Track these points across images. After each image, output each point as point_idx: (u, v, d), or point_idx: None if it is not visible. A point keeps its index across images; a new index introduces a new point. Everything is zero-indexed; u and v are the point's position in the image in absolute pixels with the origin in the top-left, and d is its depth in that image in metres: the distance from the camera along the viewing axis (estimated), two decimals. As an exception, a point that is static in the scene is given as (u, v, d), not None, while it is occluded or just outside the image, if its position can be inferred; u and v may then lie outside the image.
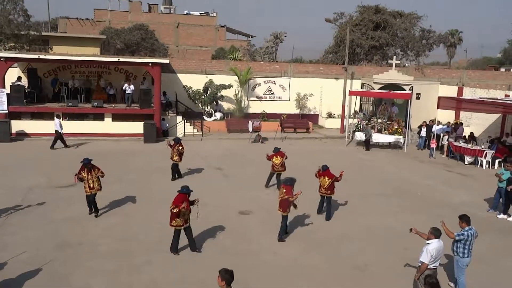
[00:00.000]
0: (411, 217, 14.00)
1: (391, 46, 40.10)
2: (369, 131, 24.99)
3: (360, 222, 13.56)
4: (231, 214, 13.67)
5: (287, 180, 12.21)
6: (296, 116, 31.60)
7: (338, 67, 33.44)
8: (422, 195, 16.53)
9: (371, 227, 13.17)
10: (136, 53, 42.48)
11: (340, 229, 12.96)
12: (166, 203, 14.41)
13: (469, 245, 9.29)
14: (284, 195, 11.83)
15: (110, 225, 12.66)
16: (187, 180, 17.14)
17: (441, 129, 25.24)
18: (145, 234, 12.05)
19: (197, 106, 29.60)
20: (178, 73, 30.07)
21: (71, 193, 14.98)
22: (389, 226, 13.27)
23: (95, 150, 21.75)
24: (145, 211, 13.84)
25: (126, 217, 13.28)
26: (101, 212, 13.41)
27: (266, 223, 13.13)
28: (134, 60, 27.66)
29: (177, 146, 17.03)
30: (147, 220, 13.09)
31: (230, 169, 19.48)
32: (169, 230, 12.16)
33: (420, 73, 33.88)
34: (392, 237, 12.39)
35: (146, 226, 12.60)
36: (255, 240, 11.97)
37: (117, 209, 13.92)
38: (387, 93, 26.37)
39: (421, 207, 15.22)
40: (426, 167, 21.70)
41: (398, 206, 15.22)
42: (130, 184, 16.53)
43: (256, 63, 33.36)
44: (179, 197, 10.73)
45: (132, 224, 12.78)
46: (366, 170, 20.26)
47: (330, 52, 42.23)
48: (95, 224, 12.67)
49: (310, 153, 23.14)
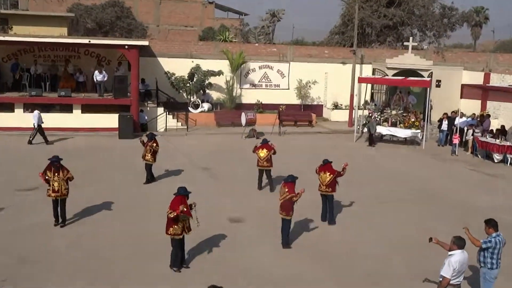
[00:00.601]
0: (430, 224, 13.99)
1: (407, 25, 40.08)
2: (373, 125, 25.00)
3: (371, 230, 13.54)
4: (220, 222, 13.61)
5: (288, 177, 12.16)
6: (296, 107, 31.55)
7: (346, 50, 33.40)
8: (443, 199, 16.53)
9: (384, 235, 13.14)
10: (110, 34, 42.20)
11: (348, 238, 12.93)
12: (144, 209, 14.44)
13: (497, 254, 9.28)
14: (287, 194, 11.79)
15: (79, 235, 12.54)
16: (166, 182, 17.07)
17: (465, 122, 25.27)
18: (120, 246, 11.96)
19: (181, 96, 29.49)
20: (159, 57, 29.93)
21: (34, 198, 14.87)
22: (405, 234, 13.25)
23: (61, 147, 21.63)
24: (120, 218, 13.74)
25: (97, 226, 13.16)
26: (68, 220, 13.30)
27: (261, 231, 13.08)
28: (107, 42, 27.53)
29: (151, 143, 16.81)
30: (123, 229, 12.99)
31: (219, 168, 19.40)
32: (148, 241, 12.12)
33: (441, 57, 33.89)
34: (408, 248, 12.37)
35: (122, 237, 12.49)
36: (249, 251, 11.91)
37: (87, 216, 13.80)
38: (403, 80, 26.34)
39: (442, 212, 15.22)
40: (447, 166, 21.70)
41: (415, 212, 15.21)
42: (103, 187, 16.42)
43: (250, 45, 33.28)
44: (177, 200, 10.58)
45: (104, 234, 12.67)
46: (378, 170, 20.25)
47: (336, 33, 42.14)
48: (61, 234, 12.56)
49: (313, 150, 23.09)
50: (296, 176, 12.30)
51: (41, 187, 14.18)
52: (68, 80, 27.25)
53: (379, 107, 27.69)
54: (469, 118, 25.83)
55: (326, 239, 12.79)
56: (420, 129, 25.21)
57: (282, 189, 12.09)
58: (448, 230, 12.17)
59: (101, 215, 13.93)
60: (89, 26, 43.02)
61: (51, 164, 12.83)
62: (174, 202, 10.58)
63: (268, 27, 43.90)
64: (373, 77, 30.27)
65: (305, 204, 13.30)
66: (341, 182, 14.22)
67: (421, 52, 34.01)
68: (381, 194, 16.84)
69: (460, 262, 8.48)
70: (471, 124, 24.89)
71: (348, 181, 16.10)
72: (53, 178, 12.73)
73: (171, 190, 11.37)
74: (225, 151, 22.61)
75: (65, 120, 25.18)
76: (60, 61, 28.54)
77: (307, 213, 13.89)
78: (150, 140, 16.86)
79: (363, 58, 32.83)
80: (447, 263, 8.51)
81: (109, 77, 26.57)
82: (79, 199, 14.57)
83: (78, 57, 28.83)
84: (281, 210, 12.00)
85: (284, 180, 12.24)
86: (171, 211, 10.45)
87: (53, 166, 12.79)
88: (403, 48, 35.39)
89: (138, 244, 12.03)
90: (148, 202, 15.05)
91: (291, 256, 11.72)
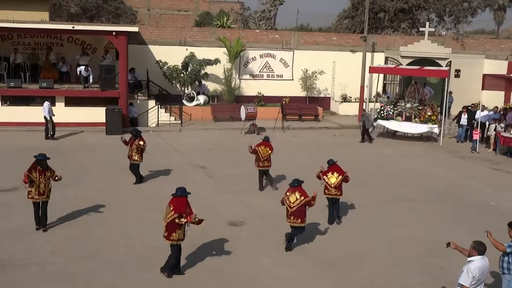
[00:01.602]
0: (447, 227, 14.06)
1: (423, 9, 40.10)
2: (368, 118, 25.01)
3: (383, 235, 13.61)
4: (218, 226, 13.67)
5: (294, 182, 12.24)
6: (301, 99, 31.61)
7: (356, 37, 33.42)
8: (461, 200, 16.61)
9: (397, 241, 13.21)
10: (95, 19, 42.24)
11: (357, 244, 13.00)
12: (134, 211, 14.54)
13: (522, 259, 9.35)
14: (302, 199, 11.91)
15: (64, 239, 12.62)
16: (159, 182, 17.18)
17: (487, 116, 25.31)
18: (109, 251, 12.04)
19: (174, 88, 29.54)
20: (149, 45, 29.99)
21: (13, 198, 14.94)
22: (419, 239, 13.32)
23: (44, 144, 21.67)
24: (108, 221, 13.82)
25: (84, 229, 13.24)
26: (53, 223, 13.38)
27: (262, 236, 13.16)
28: (93, 28, 27.54)
29: (137, 141, 16.75)
30: (111, 233, 13.08)
31: (216, 167, 19.48)
32: (137, 246, 12.22)
33: (460, 44, 33.91)
34: (423, 254, 12.43)
35: (110, 241, 12.58)
36: (249, 258, 11.98)
37: (73, 219, 13.88)
38: (418, 69, 26.39)
39: (461, 214, 15.29)
40: (467, 164, 21.78)
41: (430, 214, 15.29)
42: (89, 188, 16.52)
43: (250, 32, 33.31)
44: (180, 202, 10.59)
45: (91, 238, 12.75)
46: (391, 169, 20.33)
47: (346, 17, 42.18)
48: (45, 238, 12.65)
49: (320, 146, 23.18)
50: (302, 180, 12.41)
51: (20, 188, 14.18)
52: (50, 70, 27.24)
53: (392, 99, 27.73)
54: (491, 112, 25.84)
55: (330, 245, 12.86)
56: (437, 124, 25.25)
57: (291, 196, 12.06)
58: (467, 234, 12.29)
59: (87, 218, 13.98)
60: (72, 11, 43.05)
61: (38, 163, 12.72)
62: (178, 205, 10.55)
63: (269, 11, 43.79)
64: (386, 66, 30.30)
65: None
66: (351, 182, 14.29)
67: (439, 39, 34.04)
68: (393, 195, 16.92)
69: (480, 269, 8.52)
70: (494, 118, 24.92)
71: (358, 180, 16.18)
72: (39, 179, 12.66)
73: (164, 191, 11.47)
74: (223, 148, 22.67)
75: (47, 114, 25.22)
76: (41, 49, 28.58)
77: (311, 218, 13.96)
78: (136, 138, 16.77)
79: (374, 46, 32.86)
80: (466, 270, 8.55)
81: (95, 66, 26.59)
82: (63, 201, 14.65)
83: (61, 44, 28.89)
84: (295, 218, 12.02)
85: (291, 185, 12.25)
86: (177, 214, 10.38)
87: (40, 166, 12.70)
88: (418, 34, 35.44)
89: (128, 249, 12.10)
90: (139, 204, 15.14)
91: (293, 263, 11.80)
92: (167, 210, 10.67)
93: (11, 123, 24.40)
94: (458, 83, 30.74)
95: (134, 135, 16.88)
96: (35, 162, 12.80)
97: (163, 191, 16.00)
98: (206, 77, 29.85)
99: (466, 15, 40.59)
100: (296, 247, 12.54)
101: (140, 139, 16.79)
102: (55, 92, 25.33)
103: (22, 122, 24.69)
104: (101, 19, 42.48)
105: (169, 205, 10.68)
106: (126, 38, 25.89)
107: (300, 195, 11.96)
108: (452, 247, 9.21)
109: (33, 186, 12.73)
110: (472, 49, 33.88)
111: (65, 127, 24.82)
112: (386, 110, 25.98)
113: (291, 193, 12.11)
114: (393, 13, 39.39)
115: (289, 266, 11.67)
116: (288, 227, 12.34)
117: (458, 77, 31.50)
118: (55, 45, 28.68)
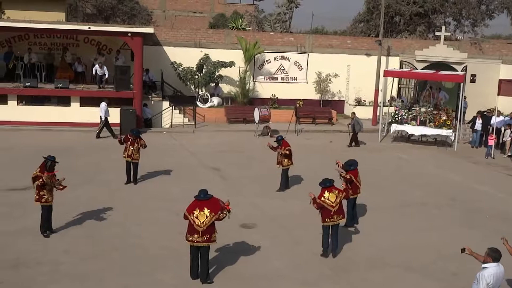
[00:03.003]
0: (461, 233, 13.98)
1: (439, 13, 39.88)
2: (358, 122, 24.61)
3: (396, 239, 13.54)
4: (230, 228, 13.59)
5: (326, 181, 12.27)
6: (315, 102, 31.57)
7: (371, 40, 33.32)
8: (475, 206, 16.48)
9: (409, 246, 13.13)
10: (111, 20, 42.49)
11: (370, 248, 12.94)
12: (146, 211, 14.58)
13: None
14: (341, 195, 12.18)
15: (76, 239, 12.69)
16: (170, 183, 17.21)
17: (502, 121, 25.12)
18: (121, 251, 12.09)
19: (188, 89, 29.62)
20: (164, 46, 30.12)
21: (28, 198, 15.03)
22: (433, 244, 13.24)
23: (58, 143, 21.80)
24: (120, 221, 13.89)
25: (96, 229, 13.32)
26: (64, 223, 13.47)
27: (275, 238, 13.14)
28: (109, 29, 27.66)
29: (141, 141, 16.89)
30: (123, 233, 13.14)
31: (229, 169, 19.50)
32: (149, 247, 12.25)
33: (478, 48, 33.65)
34: (437, 259, 12.35)
35: (122, 241, 12.64)
36: (261, 260, 11.98)
37: (85, 219, 13.95)
38: (434, 74, 26.24)
39: (475, 220, 15.18)
40: (481, 169, 21.62)
41: (444, 219, 15.19)
42: (102, 188, 16.59)
43: (265, 34, 33.34)
44: (212, 203, 10.67)
45: (104, 238, 12.82)
46: (405, 173, 20.24)
47: (361, 21, 42.07)
48: (57, 238, 12.73)
49: (333, 150, 23.10)
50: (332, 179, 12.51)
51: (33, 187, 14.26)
52: (66, 70, 27.48)
53: (406, 103, 27.62)
54: (507, 117, 25.67)
55: (346, 248, 12.80)
56: (452, 129, 25.10)
57: (331, 195, 12.06)
58: (481, 240, 12.18)
59: (100, 218, 14.06)
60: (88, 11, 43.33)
61: (47, 166, 12.58)
62: (212, 206, 10.57)
63: (285, 14, 43.80)
64: (401, 70, 30.18)
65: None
66: (364, 186, 14.24)
67: (455, 43, 33.82)
68: (407, 199, 16.84)
69: (494, 276, 8.45)
70: (509, 124, 24.74)
71: (371, 185, 16.13)
72: (51, 182, 12.49)
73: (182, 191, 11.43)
74: (236, 150, 22.68)
75: (62, 114, 25.42)
76: (57, 49, 28.79)
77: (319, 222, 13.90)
78: (136, 138, 16.84)
79: (389, 50, 32.74)
80: (480, 277, 8.48)
81: (109, 67, 26.75)
82: (76, 200, 14.75)
83: (77, 45, 29.09)
84: (338, 216, 12.12)
85: (324, 185, 12.19)
86: (216, 215, 10.51)
87: (49, 168, 12.56)
88: (434, 38, 35.26)
89: (141, 249, 12.14)
90: (151, 204, 15.18)
91: (307, 268, 11.77)
92: (200, 216, 10.50)
93: (26, 123, 24.61)
94: (473, 88, 30.57)
95: (135, 135, 16.92)
96: (44, 164, 12.61)
97: (175, 192, 16.16)
98: (220, 79, 29.91)
99: (483, 18, 40.29)
100: (308, 250, 12.50)
101: (141, 139, 17.00)
102: (70, 92, 25.51)
103: (37, 122, 24.88)
104: (116, 20, 42.71)
105: (199, 210, 10.55)
106: (142, 39, 26.01)
107: (338, 192, 12.14)
108: (467, 252, 9.14)
109: (43, 188, 12.56)
110: (488, 54, 33.63)
111: (79, 127, 24.99)
112: (401, 114, 25.87)
113: (329, 193, 12.12)
114: (409, 17, 39.21)
115: (301, 269, 11.64)
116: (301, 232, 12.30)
117: (474, 82, 31.32)
118: (71, 46, 28.87)
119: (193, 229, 10.49)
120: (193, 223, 10.48)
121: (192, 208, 10.61)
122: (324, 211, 12.11)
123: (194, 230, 10.48)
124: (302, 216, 14.55)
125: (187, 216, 10.63)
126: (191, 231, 10.54)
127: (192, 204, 10.71)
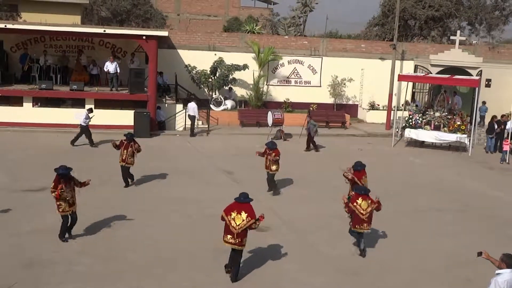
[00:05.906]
0: (475, 239, 13.92)
1: (454, 17, 39.70)
2: (314, 125, 23.99)
3: (409, 244, 13.52)
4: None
5: (361, 189, 12.56)
6: (329, 106, 31.52)
7: (385, 44, 33.24)
8: (490, 212, 16.37)
9: (424, 251, 13.11)
10: (125, 23, 42.76)
11: (383, 253, 12.93)
12: (160, 214, 14.67)
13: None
14: (374, 206, 12.34)
15: (90, 240, 12.82)
16: (183, 185, 17.28)
17: (518, 126, 24.94)
18: (135, 253, 12.18)
19: (202, 92, 29.73)
20: (178, 49, 30.25)
21: (42, 198, 15.18)
22: (447, 250, 13.21)
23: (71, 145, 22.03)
24: (134, 223, 13.99)
25: (110, 230, 13.44)
26: (79, 224, 13.57)
27: (288, 242, 13.16)
28: (124, 32, 27.89)
29: (135, 145, 16.92)
30: (137, 235, 13.23)
31: (242, 172, 19.55)
32: (163, 249, 12.32)
33: (496, 52, 33.39)
34: (451, 265, 12.32)
35: (136, 243, 12.73)
36: (274, 264, 12.02)
37: (100, 220, 14.06)
38: (448, 78, 26.12)
39: (489, 226, 15.12)
40: (496, 175, 21.50)
41: (459, 225, 15.14)
42: (116, 189, 16.74)
43: (279, 38, 33.37)
44: (249, 208, 10.85)
45: (118, 239, 12.93)
46: (419, 178, 20.18)
47: (375, 25, 41.97)
48: (72, 238, 12.83)
49: (346, 155, 23.05)
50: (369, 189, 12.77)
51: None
52: (81, 73, 27.69)
53: (420, 108, 27.51)
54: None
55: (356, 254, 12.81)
56: (467, 134, 24.96)
57: (363, 203, 12.25)
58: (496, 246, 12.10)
59: (114, 219, 14.15)
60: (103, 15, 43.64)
61: (62, 177, 12.35)
62: (249, 210, 10.76)
63: (299, 18, 43.81)
64: (415, 74, 30.03)
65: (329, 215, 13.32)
66: (378, 191, 14.21)
67: (470, 48, 33.63)
68: (421, 204, 16.81)
69: (509, 282, 8.40)
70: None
71: (384, 191, 16.08)
72: (65, 192, 12.36)
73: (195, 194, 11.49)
74: (250, 154, 22.68)
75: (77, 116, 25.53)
76: (72, 51, 29.01)
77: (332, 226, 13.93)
78: (130, 141, 16.85)
79: (404, 54, 32.63)
80: (494, 283, 8.45)
81: (124, 70, 26.93)
82: (91, 202, 14.84)
83: (92, 47, 29.29)
84: (367, 224, 12.36)
85: (359, 192, 12.46)
86: (253, 220, 10.73)
87: (63, 179, 12.36)
88: (449, 43, 35.08)
89: (154, 251, 12.23)
90: (165, 206, 15.26)
91: (318, 272, 11.78)
92: (237, 219, 10.71)
93: (41, 124, 24.82)
94: (488, 93, 30.33)
95: (128, 139, 16.93)
96: (59, 176, 12.41)
97: (189, 195, 16.23)
98: (234, 82, 29.98)
99: (498, 23, 40.07)
100: (321, 254, 12.52)
101: (135, 142, 17.01)
102: (85, 95, 25.67)
103: (52, 124, 25.08)
104: (131, 23, 42.98)
105: (237, 213, 10.75)
106: (156, 42, 26.15)
107: (371, 202, 12.30)
108: (484, 256, 9.10)
109: (60, 198, 12.41)
110: (503, 58, 33.41)
111: (94, 129, 25.08)
112: (415, 118, 25.79)
113: (362, 200, 12.30)
114: (424, 21, 39.07)
115: (314, 273, 11.67)
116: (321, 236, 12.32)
117: (489, 87, 31.09)
118: (86, 48, 29.09)
119: (228, 229, 10.79)
120: (229, 225, 10.75)
121: (230, 210, 10.86)
122: (355, 217, 12.34)
123: (229, 231, 10.78)
124: (315, 220, 14.57)
125: (223, 217, 10.86)
126: (226, 232, 10.85)
127: (231, 206, 10.95)
